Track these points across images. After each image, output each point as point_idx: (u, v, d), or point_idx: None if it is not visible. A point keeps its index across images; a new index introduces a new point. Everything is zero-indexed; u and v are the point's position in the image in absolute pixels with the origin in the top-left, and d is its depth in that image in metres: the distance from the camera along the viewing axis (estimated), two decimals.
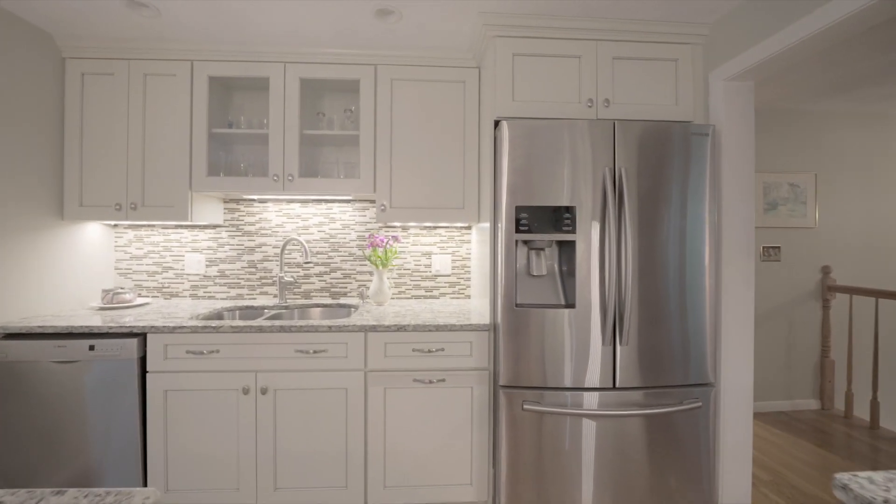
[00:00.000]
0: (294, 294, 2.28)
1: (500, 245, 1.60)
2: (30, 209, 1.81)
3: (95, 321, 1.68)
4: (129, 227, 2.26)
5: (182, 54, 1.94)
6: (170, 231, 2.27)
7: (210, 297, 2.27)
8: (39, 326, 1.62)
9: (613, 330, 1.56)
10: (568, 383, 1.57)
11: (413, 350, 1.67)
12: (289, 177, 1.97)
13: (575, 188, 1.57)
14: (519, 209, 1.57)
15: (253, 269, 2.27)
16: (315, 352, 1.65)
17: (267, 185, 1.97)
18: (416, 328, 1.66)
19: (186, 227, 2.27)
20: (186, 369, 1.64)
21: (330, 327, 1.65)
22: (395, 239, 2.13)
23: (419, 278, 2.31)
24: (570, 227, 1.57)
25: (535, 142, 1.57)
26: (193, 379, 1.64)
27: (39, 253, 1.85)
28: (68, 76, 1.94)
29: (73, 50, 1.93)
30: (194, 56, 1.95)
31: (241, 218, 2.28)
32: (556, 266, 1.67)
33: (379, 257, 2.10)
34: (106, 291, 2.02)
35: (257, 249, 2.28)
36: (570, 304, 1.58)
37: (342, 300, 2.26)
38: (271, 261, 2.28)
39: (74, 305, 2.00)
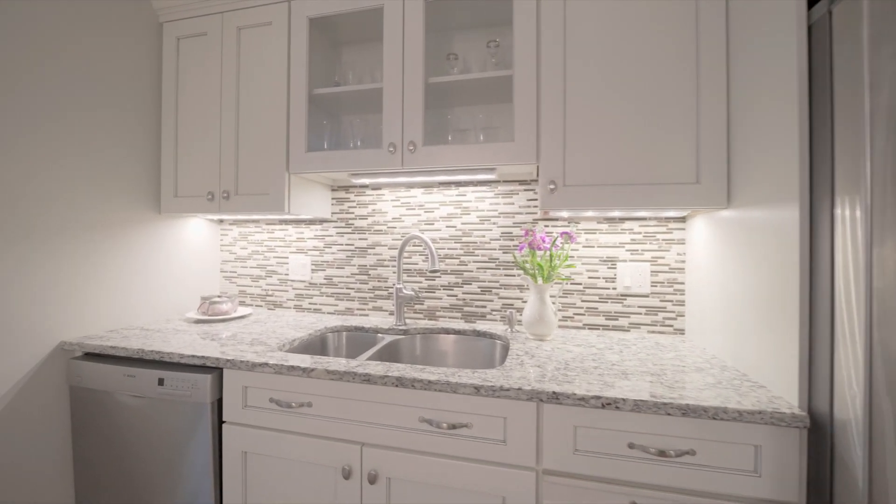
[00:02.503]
0: (415, 311, 1.67)
1: (849, 244, 0.71)
2: (128, 202, 1.51)
3: (174, 343, 1.28)
4: (234, 222, 1.93)
5: None
6: (274, 227, 1.87)
7: (316, 310, 1.80)
8: (112, 347, 1.26)
9: None
10: None
11: (630, 446, 0.88)
12: (409, 146, 1.35)
13: None
14: None
15: (364, 277, 1.73)
16: (451, 427, 0.98)
17: (380, 158, 1.39)
18: (639, 407, 0.86)
19: (291, 221, 1.84)
20: (270, 426, 1.12)
21: (477, 389, 0.95)
22: (569, 237, 1.35)
23: (595, 298, 1.50)
24: None
25: None
26: (278, 442, 1.11)
27: (136, 252, 1.55)
28: (165, 43, 1.63)
29: (168, 11, 1.61)
30: None
31: (350, 210, 1.76)
32: None
33: (539, 265, 1.36)
34: (204, 299, 1.67)
35: (370, 251, 1.73)
36: None
37: (479, 325, 1.58)
38: (386, 266, 1.71)
39: (171, 314, 1.70)
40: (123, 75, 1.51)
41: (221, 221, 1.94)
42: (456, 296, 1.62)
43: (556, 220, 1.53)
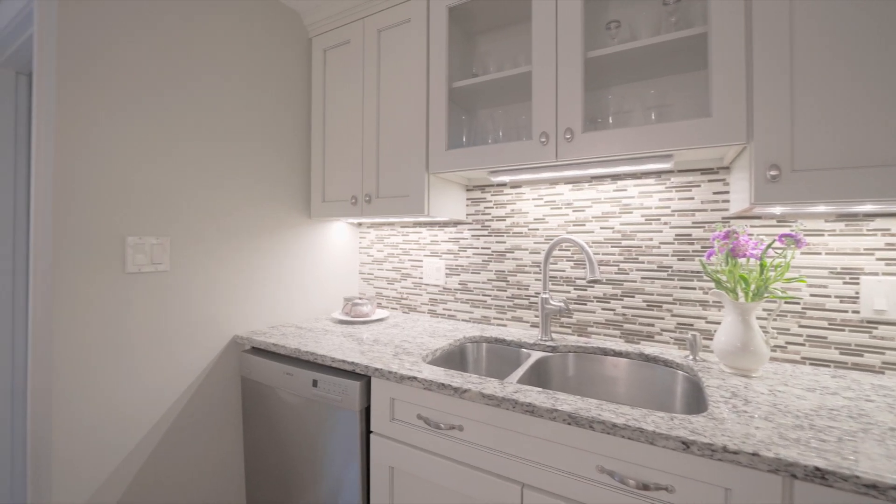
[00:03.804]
0: (561, 325, 1.47)
1: None
2: (283, 208, 1.63)
3: (324, 344, 1.30)
4: (371, 225, 1.97)
5: None
6: (408, 230, 1.85)
7: (450, 317, 1.72)
8: (273, 344, 1.34)
9: None
10: None
11: None
12: (566, 134, 1.15)
13: None
14: None
15: (502, 284, 1.59)
16: (643, 486, 0.76)
17: (529, 150, 1.22)
18: None
19: (425, 224, 1.80)
20: (418, 444, 1.04)
21: (686, 444, 0.72)
22: (795, 242, 1.00)
23: (822, 323, 1.11)
24: None
25: None
26: (427, 464, 1.02)
27: (290, 254, 1.66)
28: (314, 57, 1.71)
29: (316, 26, 1.68)
30: None
31: (486, 211, 1.64)
32: None
33: (742, 277, 1.04)
34: (346, 301, 1.73)
35: (508, 255, 1.58)
36: None
37: (645, 347, 1.30)
38: (527, 272, 1.54)
39: (319, 314, 1.79)
40: (281, 94, 1.62)
41: (360, 224, 2.00)
42: (614, 310, 1.37)
43: (759, 217, 1.18)
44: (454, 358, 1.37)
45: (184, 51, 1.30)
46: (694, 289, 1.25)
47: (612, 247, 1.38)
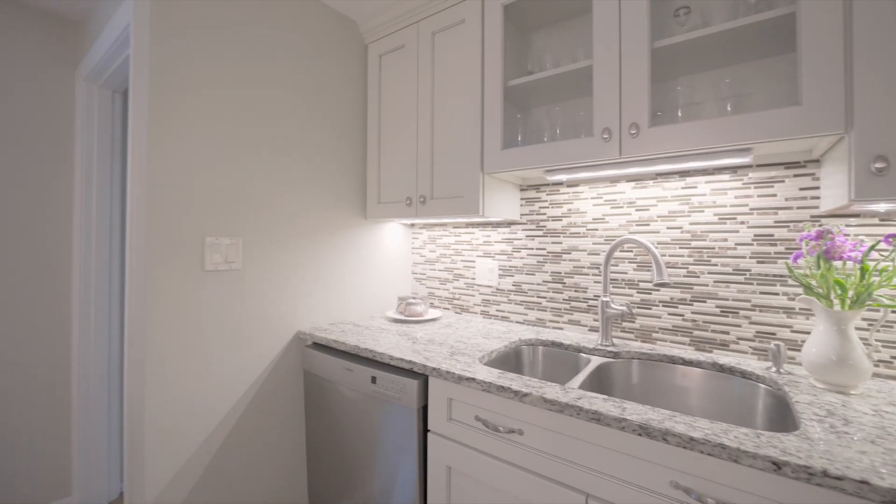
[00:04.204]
0: (623, 330, 1.40)
1: None
2: (340, 210, 1.70)
3: (382, 342, 1.33)
4: (424, 226, 1.99)
5: None
6: (460, 230, 1.85)
7: (503, 318, 1.70)
8: (334, 340, 1.39)
9: None
10: None
11: None
12: (630, 129, 1.10)
13: None
14: None
15: (558, 286, 1.55)
16: None
17: (591, 147, 1.18)
18: None
19: (477, 224, 1.79)
20: (476, 446, 1.04)
21: (778, 466, 0.65)
22: None
23: None
24: None
25: None
26: (485, 466, 1.02)
27: (346, 254, 1.72)
28: (370, 63, 1.76)
29: (372, 32, 1.73)
30: None
31: (542, 210, 1.60)
32: None
33: (838, 283, 0.93)
34: (400, 300, 1.76)
35: (565, 256, 1.53)
36: None
37: (719, 356, 1.21)
38: (585, 274, 1.48)
39: (374, 312, 1.84)
40: (339, 100, 1.69)
41: (413, 225, 2.03)
42: (682, 315, 1.28)
43: (856, 216, 1.05)
44: (509, 360, 1.35)
45: (253, 68, 1.40)
46: (777, 294, 1.14)
47: (680, 248, 1.30)
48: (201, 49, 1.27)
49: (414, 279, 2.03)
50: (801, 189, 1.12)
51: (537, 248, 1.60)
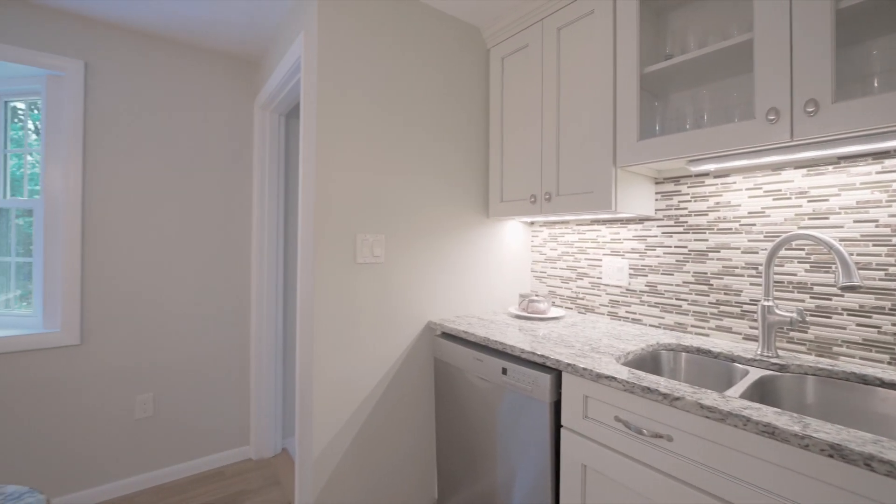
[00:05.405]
0: (790, 341, 1.21)
1: None
2: (464, 208, 1.79)
3: (510, 336, 1.37)
4: (544, 224, 1.98)
5: None
6: (584, 228, 1.80)
7: (635, 321, 1.61)
8: (464, 331, 1.48)
9: None
10: None
11: None
12: (807, 107, 0.95)
13: None
14: None
15: (703, 287, 1.40)
16: None
17: (752, 131, 1.05)
18: None
19: (604, 222, 1.72)
20: (614, 446, 1.01)
21: None
22: None
23: None
24: None
25: None
26: (625, 469, 0.98)
27: (470, 251, 1.81)
28: (492, 66, 1.82)
29: (495, 36, 1.79)
30: None
31: (681, 205, 1.47)
32: None
33: None
34: (522, 297, 1.78)
35: (712, 255, 1.39)
36: None
37: None
38: (738, 275, 1.32)
39: (496, 308, 1.89)
40: (463, 104, 1.78)
41: (533, 223, 2.04)
42: (878, 327, 1.06)
43: None
44: (646, 364, 1.28)
45: (394, 82, 1.56)
46: None
47: (874, 245, 1.07)
48: (353, 76, 1.47)
49: (533, 277, 2.03)
50: None
51: (676, 246, 1.48)
